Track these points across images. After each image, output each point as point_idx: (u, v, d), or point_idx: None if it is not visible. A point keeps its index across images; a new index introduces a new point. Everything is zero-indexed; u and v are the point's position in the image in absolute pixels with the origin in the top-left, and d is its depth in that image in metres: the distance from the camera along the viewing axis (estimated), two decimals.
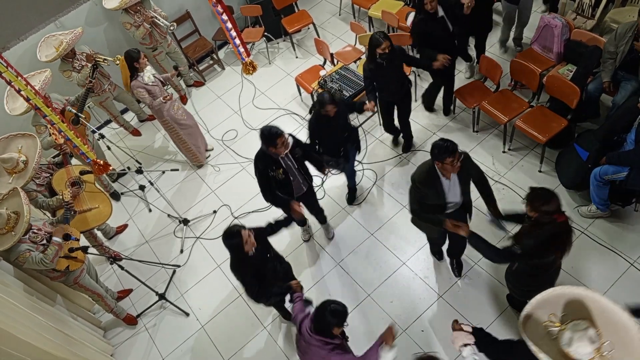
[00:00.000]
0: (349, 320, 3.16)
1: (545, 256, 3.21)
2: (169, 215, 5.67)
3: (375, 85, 4.74)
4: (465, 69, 5.97)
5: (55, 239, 3.99)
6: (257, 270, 3.58)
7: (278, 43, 7.39)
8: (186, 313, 4.88)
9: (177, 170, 6.17)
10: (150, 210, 5.85)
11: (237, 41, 4.35)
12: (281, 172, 4.02)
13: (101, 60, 5.48)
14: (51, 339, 3.88)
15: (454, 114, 5.71)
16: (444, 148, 3.33)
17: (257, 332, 4.59)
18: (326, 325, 2.98)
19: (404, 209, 5.07)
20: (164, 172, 6.18)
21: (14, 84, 3.60)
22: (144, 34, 5.95)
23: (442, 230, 3.96)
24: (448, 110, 5.72)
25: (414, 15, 4.96)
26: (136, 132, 6.71)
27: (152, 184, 5.71)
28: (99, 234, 5.32)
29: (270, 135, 3.84)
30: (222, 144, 6.28)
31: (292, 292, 3.66)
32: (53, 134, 4.68)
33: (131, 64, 5.07)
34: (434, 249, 4.59)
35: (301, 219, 4.53)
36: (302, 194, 4.39)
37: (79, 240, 4.28)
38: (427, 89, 5.63)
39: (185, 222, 5.55)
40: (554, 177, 4.86)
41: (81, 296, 4.86)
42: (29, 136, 4.62)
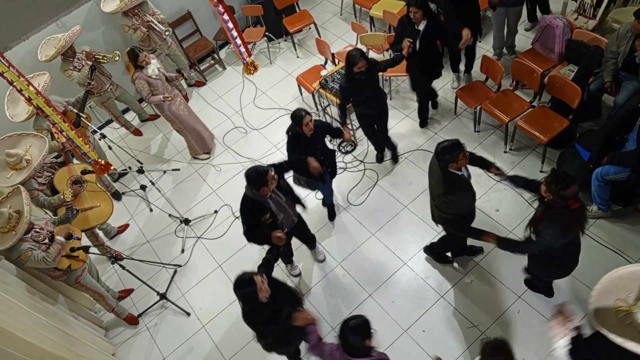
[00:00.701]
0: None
1: (568, 238, 3.25)
2: (170, 215, 5.68)
3: (353, 100, 4.70)
4: (453, 80, 5.91)
5: (58, 238, 4.00)
6: (272, 317, 3.35)
7: (279, 43, 7.39)
8: (187, 313, 4.89)
9: (179, 170, 6.18)
10: (151, 210, 5.86)
11: (238, 41, 4.36)
12: (268, 216, 3.80)
13: (100, 58, 5.49)
14: (52, 338, 3.89)
15: (455, 114, 5.70)
16: (452, 147, 3.34)
17: None
18: (356, 345, 2.85)
19: (405, 209, 5.07)
20: (165, 172, 6.19)
21: (15, 84, 3.60)
22: (141, 37, 5.96)
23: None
24: (435, 104, 5.70)
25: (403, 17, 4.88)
26: (137, 132, 6.72)
27: (153, 183, 5.71)
28: (100, 233, 5.32)
29: (259, 175, 3.62)
30: (223, 144, 6.28)
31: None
32: (55, 132, 4.69)
33: (135, 61, 5.15)
34: (457, 252, 4.53)
35: (285, 245, 4.33)
36: (294, 226, 4.21)
37: (80, 240, 4.29)
38: (418, 107, 5.59)
39: (187, 221, 5.56)
40: None
41: (83, 296, 4.86)
42: (40, 137, 4.66)
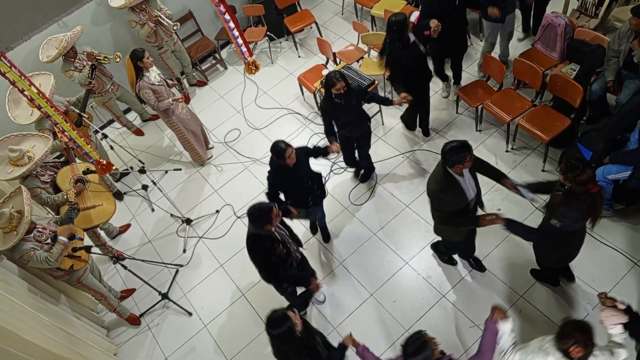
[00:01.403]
0: (353, 319, 3.17)
1: (583, 224, 3.31)
2: (171, 215, 5.68)
3: (334, 122, 4.59)
4: (442, 89, 5.86)
5: (61, 238, 4.00)
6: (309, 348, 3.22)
7: (280, 42, 7.39)
8: (189, 312, 4.89)
9: (180, 170, 6.18)
10: (153, 210, 5.86)
11: (240, 41, 4.35)
12: (281, 247, 3.66)
13: (101, 58, 5.49)
14: (55, 338, 3.89)
15: (457, 113, 5.69)
16: (461, 148, 3.33)
17: (260, 332, 4.59)
18: (428, 357, 2.76)
19: (407, 208, 5.06)
20: (166, 172, 6.19)
21: (17, 84, 3.61)
22: (148, 32, 5.96)
23: (468, 233, 4.01)
24: (427, 132, 5.56)
25: (385, 43, 4.73)
26: (139, 132, 6.73)
27: (155, 183, 5.72)
28: (102, 233, 5.33)
29: (262, 212, 3.47)
30: (224, 144, 6.28)
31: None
32: (57, 132, 4.70)
33: (136, 63, 5.09)
34: (465, 254, 4.48)
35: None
36: (298, 262, 4.06)
37: (82, 240, 4.29)
38: (405, 113, 5.56)
39: (188, 221, 5.56)
40: (557, 177, 4.82)
41: (85, 295, 4.87)
42: (44, 137, 4.68)
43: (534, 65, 4.97)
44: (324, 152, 4.35)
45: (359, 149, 5.03)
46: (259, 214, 3.49)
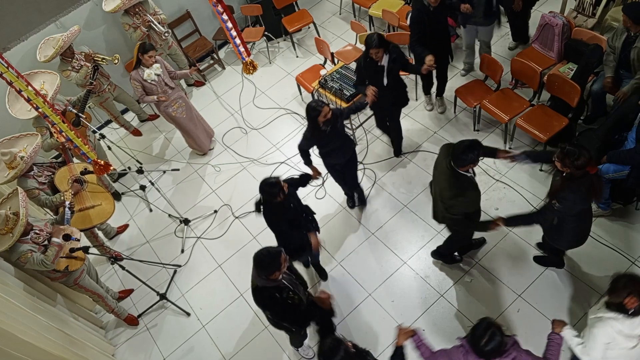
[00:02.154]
0: (351, 319, 3.16)
1: (586, 205, 3.37)
2: (169, 215, 5.68)
3: (321, 152, 4.44)
4: (426, 102, 5.81)
5: (55, 239, 3.99)
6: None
7: (278, 42, 7.39)
8: (187, 313, 4.88)
9: (178, 170, 6.17)
10: (151, 210, 5.85)
11: (238, 41, 4.35)
12: (292, 294, 3.41)
13: (100, 60, 5.49)
14: (52, 339, 3.89)
15: (455, 113, 5.70)
16: (475, 146, 3.32)
17: (258, 332, 4.59)
18: (499, 344, 2.62)
19: (405, 208, 5.07)
20: (164, 172, 6.18)
21: (14, 85, 3.59)
22: (141, 36, 5.96)
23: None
24: (399, 151, 5.46)
25: (360, 59, 4.64)
26: (137, 132, 6.72)
27: (152, 184, 5.71)
28: (100, 234, 5.32)
29: (271, 257, 3.19)
30: (222, 144, 6.27)
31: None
32: (55, 132, 4.70)
33: (138, 53, 5.16)
34: (463, 249, 4.53)
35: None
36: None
37: (79, 241, 4.28)
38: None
39: (186, 222, 5.55)
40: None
41: (82, 296, 4.86)
42: (34, 135, 4.71)
43: (532, 65, 4.98)
44: (306, 179, 4.19)
45: (347, 174, 4.78)
46: (268, 260, 3.17)
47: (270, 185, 3.68)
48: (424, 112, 5.82)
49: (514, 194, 4.83)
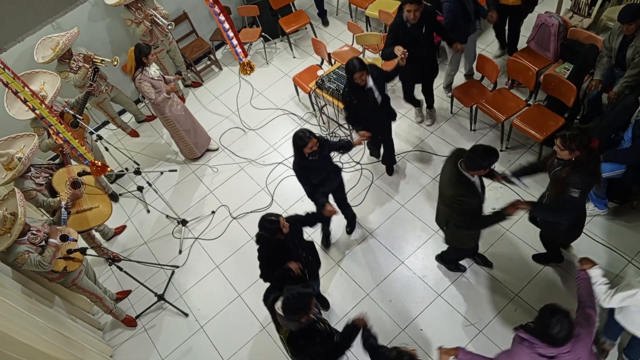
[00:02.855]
0: (349, 319, 3.15)
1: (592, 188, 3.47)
2: (167, 216, 5.67)
3: (315, 182, 4.25)
4: (415, 114, 5.76)
5: (52, 240, 3.99)
6: None
7: (275, 43, 7.40)
8: (185, 314, 4.88)
9: (175, 171, 6.17)
10: (148, 211, 5.85)
11: (235, 41, 4.34)
12: (322, 324, 3.24)
13: (98, 62, 5.48)
14: (50, 340, 3.88)
15: (452, 113, 5.71)
16: (493, 154, 3.29)
17: (256, 332, 4.59)
18: (569, 327, 2.55)
19: (402, 208, 5.08)
20: (162, 173, 6.18)
21: (11, 86, 3.59)
22: (144, 31, 5.96)
23: (478, 236, 4.02)
24: (392, 170, 5.37)
25: (344, 87, 4.55)
26: (134, 133, 6.71)
27: (150, 184, 5.71)
28: (97, 235, 5.31)
29: (303, 302, 2.96)
30: (220, 145, 6.27)
31: None
32: (52, 134, 4.69)
33: (139, 57, 5.09)
34: (471, 253, 4.44)
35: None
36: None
37: (76, 241, 4.28)
38: (368, 144, 5.37)
39: (184, 222, 5.55)
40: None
41: (80, 298, 4.85)
42: (31, 136, 4.69)
43: (528, 65, 5.00)
44: (317, 218, 4.05)
45: (336, 201, 4.67)
46: (299, 304, 2.92)
47: (270, 222, 3.47)
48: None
49: (510, 193, 4.84)
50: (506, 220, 3.61)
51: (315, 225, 4.13)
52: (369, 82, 4.32)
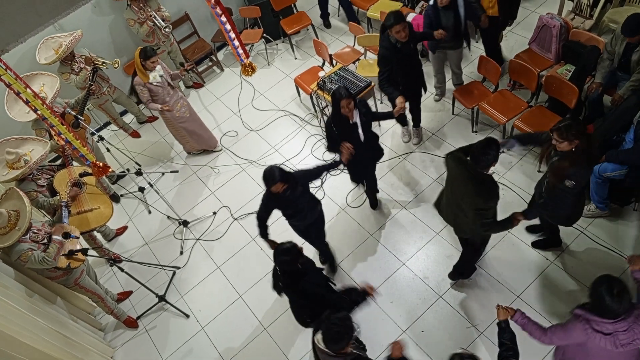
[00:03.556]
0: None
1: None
2: (168, 217, 5.68)
3: (283, 213, 4.13)
4: (402, 134, 5.71)
5: (56, 237, 4.00)
6: None
7: (277, 44, 7.40)
8: (186, 315, 4.88)
9: (177, 172, 6.18)
10: (149, 212, 5.85)
11: (236, 43, 4.35)
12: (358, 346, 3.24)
13: (99, 64, 5.49)
14: (51, 341, 3.88)
15: (453, 114, 5.71)
16: (492, 144, 3.28)
17: (257, 334, 4.59)
18: (629, 297, 2.46)
19: (404, 209, 5.07)
20: (163, 174, 6.18)
21: (13, 87, 3.59)
22: (147, 31, 5.97)
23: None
24: (375, 204, 5.18)
25: (329, 116, 4.31)
26: (135, 134, 6.72)
27: (151, 185, 5.71)
28: (98, 236, 5.32)
29: (346, 327, 2.79)
30: (221, 146, 6.28)
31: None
32: (54, 135, 4.70)
33: (144, 61, 5.11)
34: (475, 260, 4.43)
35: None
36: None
37: (79, 238, 4.29)
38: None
39: (185, 223, 5.55)
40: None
41: (81, 298, 4.86)
42: (43, 142, 4.67)
43: (530, 66, 4.99)
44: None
45: (311, 238, 4.47)
46: (342, 330, 2.78)
47: (286, 257, 3.29)
48: (422, 113, 5.82)
49: (511, 194, 4.84)
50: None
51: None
52: (355, 117, 4.11)
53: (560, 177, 3.39)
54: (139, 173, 5.62)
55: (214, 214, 5.61)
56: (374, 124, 4.81)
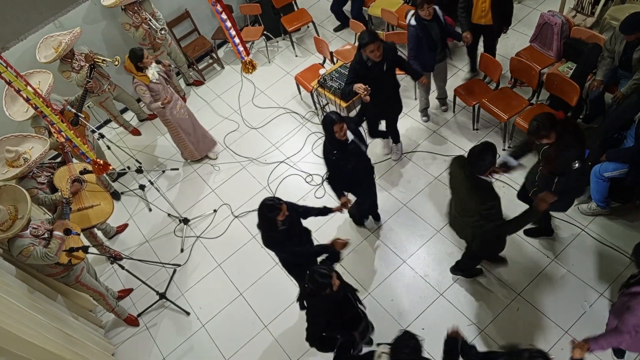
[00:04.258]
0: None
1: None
2: (169, 215, 5.68)
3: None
4: (383, 146, 5.60)
5: (57, 233, 4.00)
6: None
7: (277, 42, 7.39)
8: (187, 312, 4.89)
9: (177, 169, 6.17)
10: (150, 210, 5.85)
11: (237, 40, 4.34)
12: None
13: (100, 61, 5.48)
14: (52, 338, 3.89)
15: (454, 112, 5.70)
16: (489, 149, 3.28)
17: (257, 331, 4.60)
18: None
19: (404, 207, 5.07)
20: (164, 172, 6.18)
21: (13, 84, 3.59)
22: (143, 34, 5.96)
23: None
24: (378, 217, 5.07)
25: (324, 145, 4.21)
26: (136, 132, 6.72)
27: (152, 183, 5.71)
28: (99, 233, 5.32)
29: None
30: (222, 143, 6.27)
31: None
32: (54, 132, 4.69)
33: (135, 63, 5.08)
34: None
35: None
36: None
37: (79, 235, 4.29)
38: (352, 210, 4.88)
39: (186, 221, 5.55)
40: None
41: (82, 296, 4.86)
42: (43, 140, 4.67)
43: (531, 64, 4.98)
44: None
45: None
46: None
47: (320, 282, 3.13)
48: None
49: (513, 192, 4.83)
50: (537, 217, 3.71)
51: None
52: (349, 135, 4.05)
53: (557, 165, 3.48)
54: (139, 171, 5.62)
55: (215, 211, 5.61)
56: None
